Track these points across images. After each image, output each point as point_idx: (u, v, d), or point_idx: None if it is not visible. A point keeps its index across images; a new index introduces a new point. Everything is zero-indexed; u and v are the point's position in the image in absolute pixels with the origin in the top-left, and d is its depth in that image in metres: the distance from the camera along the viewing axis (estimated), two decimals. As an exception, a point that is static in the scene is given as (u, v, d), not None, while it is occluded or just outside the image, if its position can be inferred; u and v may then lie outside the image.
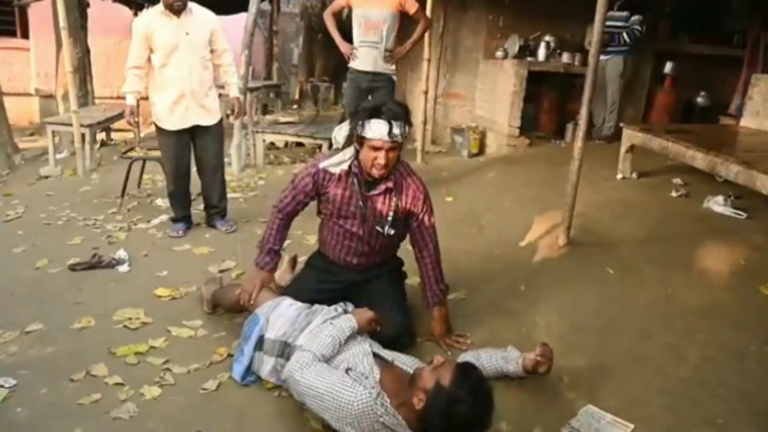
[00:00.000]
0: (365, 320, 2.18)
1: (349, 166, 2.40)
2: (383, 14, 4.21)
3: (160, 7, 3.52)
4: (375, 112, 2.23)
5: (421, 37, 4.48)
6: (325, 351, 2.02)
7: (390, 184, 2.39)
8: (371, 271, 2.57)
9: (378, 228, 2.43)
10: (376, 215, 2.43)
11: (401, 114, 2.25)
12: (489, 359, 2.18)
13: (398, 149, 2.31)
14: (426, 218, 2.49)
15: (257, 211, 4.41)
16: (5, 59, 8.98)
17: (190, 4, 3.56)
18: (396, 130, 2.22)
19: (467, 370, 1.82)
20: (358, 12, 4.29)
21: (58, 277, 3.18)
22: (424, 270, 2.53)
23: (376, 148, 2.25)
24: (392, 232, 2.45)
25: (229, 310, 2.72)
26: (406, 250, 2.67)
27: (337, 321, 2.15)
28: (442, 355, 1.94)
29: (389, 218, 2.42)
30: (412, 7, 4.25)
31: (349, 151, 2.41)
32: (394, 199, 2.41)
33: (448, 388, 1.74)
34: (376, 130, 2.22)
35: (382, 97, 2.37)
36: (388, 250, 2.60)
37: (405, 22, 4.44)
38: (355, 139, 2.33)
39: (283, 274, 2.96)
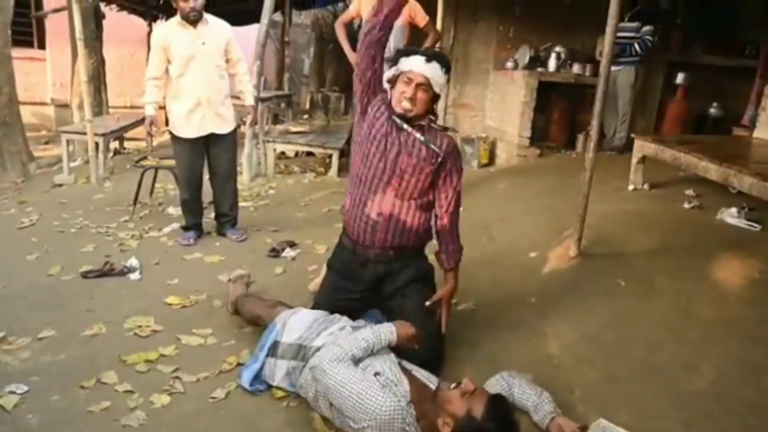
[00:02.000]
0: (406, 336, 2.09)
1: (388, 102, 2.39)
2: None
3: (177, 18, 3.59)
4: (415, 51, 2.31)
5: (431, 49, 4.50)
6: (356, 352, 1.98)
7: (423, 123, 2.35)
8: (393, 264, 2.40)
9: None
10: (405, 142, 2.33)
11: (441, 58, 2.30)
12: (521, 394, 2.09)
13: (429, 93, 2.30)
14: (454, 176, 2.39)
15: (267, 220, 4.43)
16: (22, 69, 9.11)
17: (206, 15, 3.63)
18: (430, 65, 2.25)
19: (500, 404, 1.81)
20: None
21: (70, 284, 3.21)
22: (441, 227, 2.44)
23: (408, 81, 2.26)
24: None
25: (246, 321, 2.72)
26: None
27: (377, 328, 2.10)
28: (470, 378, 1.91)
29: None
30: (422, 21, 4.27)
31: None
32: (424, 137, 2.33)
33: (479, 420, 1.74)
34: (412, 62, 2.26)
35: None
36: (404, 228, 2.37)
37: (415, 35, 4.46)
38: (391, 78, 2.35)
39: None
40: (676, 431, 1.96)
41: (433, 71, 2.26)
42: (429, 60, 2.26)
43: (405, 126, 2.33)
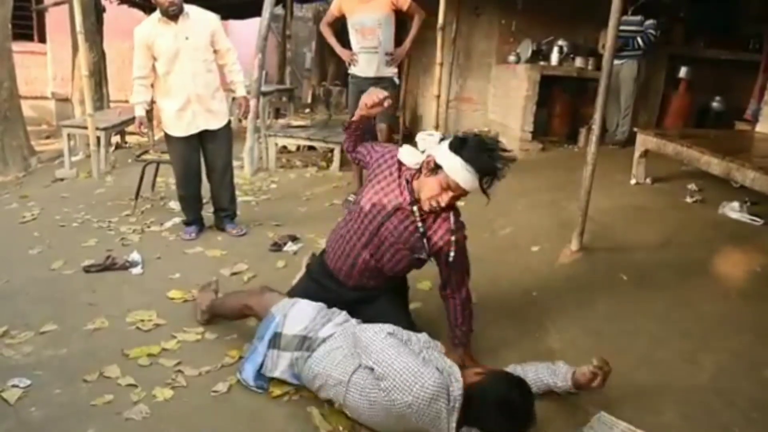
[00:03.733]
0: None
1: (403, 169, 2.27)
2: (377, 17, 4.21)
3: (157, 14, 3.50)
4: (475, 159, 2.03)
5: (419, 31, 4.44)
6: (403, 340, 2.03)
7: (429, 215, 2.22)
8: (371, 292, 2.41)
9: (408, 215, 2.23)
10: (400, 218, 2.25)
11: (496, 172, 2.06)
12: (535, 373, 2.10)
13: (463, 196, 2.16)
14: (454, 258, 2.23)
15: (269, 215, 4.43)
16: (23, 63, 9.12)
17: (187, 8, 3.53)
18: (480, 184, 2.07)
19: (521, 380, 1.92)
20: (352, 20, 4.30)
21: (72, 278, 3.21)
22: (451, 309, 2.34)
23: (447, 188, 2.09)
24: (401, 246, 2.26)
25: (231, 318, 2.62)
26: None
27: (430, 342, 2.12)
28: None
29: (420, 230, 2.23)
30: (404, 4, 4.23)
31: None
32: (421, 224, 2.22)
33: (507, 381, 1.88)
34: (464, 176, 2.04)
35: (492, 144, 2.09)
36: (384, 276, 2.38)
37: (401, 21, 4.43)
38: (431, 161, 2.12)
39: None
40: (677, 425, 1.96)
41: (477, 184, 2.07)
42: (480, 178, 2.05)
43: (414, 209, 2.19)
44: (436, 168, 2.11)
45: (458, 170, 2.05)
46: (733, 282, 2.82)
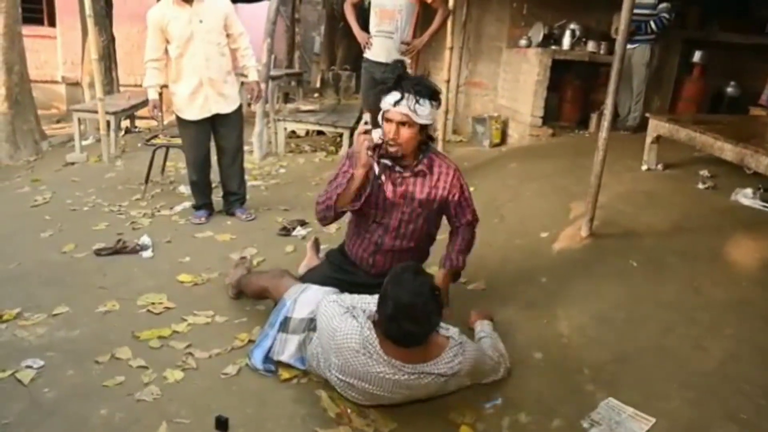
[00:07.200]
0: None
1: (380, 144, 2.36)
2: (399, 3, 4.17)
3: None
4: (396, 84, 2.20)
5: (440, 27, 4.40)
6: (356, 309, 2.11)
7: (422, 167, 2.34)
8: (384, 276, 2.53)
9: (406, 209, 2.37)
10: (407, 195, 2.36)
11: (420, 90, 2.16)
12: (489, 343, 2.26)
13: (414, 127, 2.21)
14: (462, 202, 2.44)
15: (278, 199, 4.44)
16: (33, 47, 9.15)
17: None
18: (405, 102, 2.15)
19: (401, 268, 1.97)
20: (375, 0, 4.27)
21: (83, 261, 3.25)
22: (457, 235, 2.51)
23: (388, 120, 2.22)
24: (419, 211, 2.38)
25: (252, 297, 2.73)
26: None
27: None
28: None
29: (420, 198, 2.36)
30: None
31: None
32: (426, 180, 2.36)
33: (383, 288, 1.93)
34: (388, 100, 2.20)
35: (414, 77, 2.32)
36: (408, 255, 2.45)
37: (426, 15, 4.39)
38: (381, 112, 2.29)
39: (312, 259, 2.97)
40: (685, 411, 1.96)
41: (407, 104, 2.15)
42: (403, 95, 2.16)
43: (404, 173, 2.34)
44: (383, 113, 2.27)
45: (386, 99, 2.21)
46: (743, 269, 2.80)
